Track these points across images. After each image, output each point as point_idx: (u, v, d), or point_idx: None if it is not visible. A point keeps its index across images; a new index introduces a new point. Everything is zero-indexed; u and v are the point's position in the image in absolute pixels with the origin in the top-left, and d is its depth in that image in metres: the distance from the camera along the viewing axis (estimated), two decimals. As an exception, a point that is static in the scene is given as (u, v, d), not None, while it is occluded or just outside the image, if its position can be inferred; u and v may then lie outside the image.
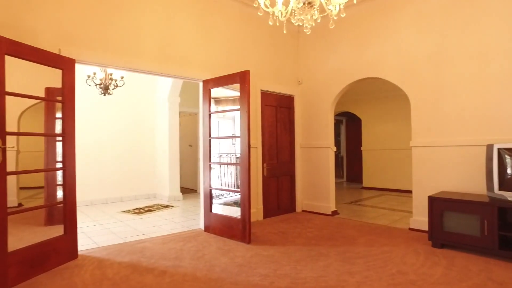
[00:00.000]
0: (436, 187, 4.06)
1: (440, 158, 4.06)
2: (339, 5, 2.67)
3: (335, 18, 2.70)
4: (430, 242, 3.59)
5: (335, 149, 5.40)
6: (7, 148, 2.58)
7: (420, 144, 4.23)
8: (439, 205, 3.52)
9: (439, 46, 4.07)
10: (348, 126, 10.52)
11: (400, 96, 6.90)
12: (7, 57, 2.61)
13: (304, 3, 2.50)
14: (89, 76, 5.36)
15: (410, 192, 4.94)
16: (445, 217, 3.48)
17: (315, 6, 2.53)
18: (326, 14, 2.78)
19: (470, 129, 3.83)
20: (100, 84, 5.48)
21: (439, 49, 4.07)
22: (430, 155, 4.14)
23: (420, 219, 4.18)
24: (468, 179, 3.82)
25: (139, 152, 7.17)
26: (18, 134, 2.93)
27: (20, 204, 3.06)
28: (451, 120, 3.98)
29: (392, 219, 4.98)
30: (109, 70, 5.39)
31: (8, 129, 2.61)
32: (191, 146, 8.53)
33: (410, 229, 4.27)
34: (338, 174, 9.80)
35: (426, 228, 3.88)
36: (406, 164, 7.23)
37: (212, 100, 4.33)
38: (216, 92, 4.36)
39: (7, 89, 2.60)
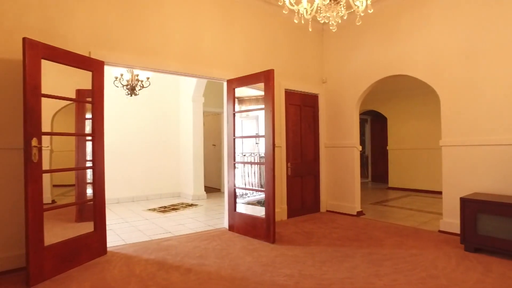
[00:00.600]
0: (467, 188, 3.88)
1: (472, 158, 3.88)
2: (366, 0, 2.61)
3: (362, 14, 2.64)
4: (462, 246, 3.45)
5: (360, 148, 5.29)
6: (42, 148, 2.70)
7: (450, 144, 4.06)
8: (473, 207, 3.36)
9: (471, 41, 3.88)
10: (373, 125, 10.29)
11: (428, 94, 6.68)
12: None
13: (330, 0, 2.45)
14: (116, 78, 5.52)
15: (439, 193, 4.77)
16: (479, 219, 3.32)
17: (341, 3, 2.48)
18: (352, 10, 2.73)
19: (505, 128, 3.63)
20: (127, 85, 5.63)
21: (471, 44, 3.88)
22: (462, 155, 3.96)
23: (450, 221, 4.02)
24: (503, 180, 3.63)
25: (164, 152, 7.32)
26: (52, 134, 3.05)
27: (53, 201, 3.18)
28: (484, 118, 3.79)
29: (420, 220, 4.82)
30: (136, 71, 5.53)
31: (42, 130, 2.73)
32: (214, 145, 8.61)
33: (439, 231, 4.12)
34: (363, 174, 9.59)
35: (457, 230, 3.73)
36: (434, 164, 6.98)
37: (235, 100, 4.35)
38: (239, 91, 4.37)
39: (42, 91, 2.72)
